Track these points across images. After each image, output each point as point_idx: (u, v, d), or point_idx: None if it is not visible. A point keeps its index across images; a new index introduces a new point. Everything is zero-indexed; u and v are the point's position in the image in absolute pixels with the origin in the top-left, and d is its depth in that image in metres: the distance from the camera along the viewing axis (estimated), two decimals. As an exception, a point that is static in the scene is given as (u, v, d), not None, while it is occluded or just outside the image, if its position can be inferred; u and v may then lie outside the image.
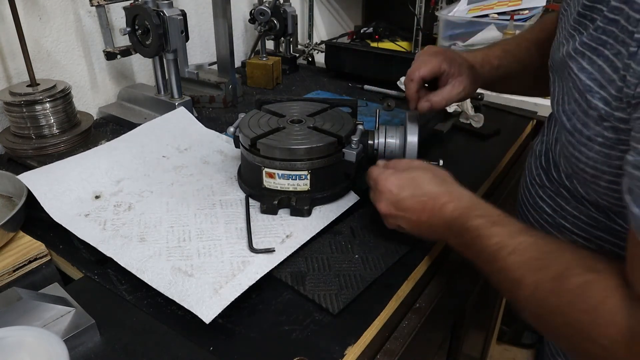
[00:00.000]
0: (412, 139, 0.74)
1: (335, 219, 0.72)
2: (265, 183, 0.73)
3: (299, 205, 0.71)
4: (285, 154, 0.71)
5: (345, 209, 0.74)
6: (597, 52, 0.44)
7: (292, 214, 0.72)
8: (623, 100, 0.41)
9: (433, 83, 0.75)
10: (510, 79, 0.77)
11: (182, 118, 0.98)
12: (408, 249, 0.67)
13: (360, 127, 0.75)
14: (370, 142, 0.76)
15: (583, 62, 0.46)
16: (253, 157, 0.73)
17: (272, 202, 0.72)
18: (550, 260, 0.45)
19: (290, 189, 0.73)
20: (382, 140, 0.76)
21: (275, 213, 0.72)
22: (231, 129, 0.78)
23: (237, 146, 0.80)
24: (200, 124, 0.98)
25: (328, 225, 0.71)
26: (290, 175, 0.72)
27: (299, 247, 0.66)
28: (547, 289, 0.43)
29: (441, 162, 0.73)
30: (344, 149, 0.72)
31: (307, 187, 0.73)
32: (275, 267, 0.62)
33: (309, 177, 0.72)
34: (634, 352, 0.37)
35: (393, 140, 0.76)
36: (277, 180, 0.72)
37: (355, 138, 0.72)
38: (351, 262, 0.65)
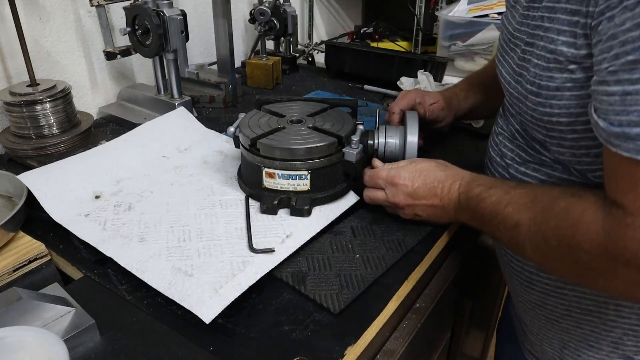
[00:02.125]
0: (412, 138, 0.74)
1: (336, 219, 0.72)
2: (265, 183, 0.73)
3: (299, 205, 0.71)
4: (285, 154, 0.71)
5: (345, 209, 0.74)
6: (554, 9, 0.50)
7: (292, 214, 0.72)
8: (587, 34, 0.45)
9: None
10: (481, 106, 0.90)
11: (182, 118, 0.98)
12: (409, 249, 0.67)
13: (360, 127, 0.75)
14: (370, 142, 0.76)
15: (539, 24, 0.52)
16: (253, 157, 0.73)
17: (272, 202, 0.72)
18: (539, 198, 0.53)
19: (290, 189, 0.73)
20: (382, 140, 0.76)
21: (275, 213, 0.72)
22: (231, 129, 0.78)
23: (237, 146, 0.80)
24: (200, 124, 0.98)
25: (328, 225, 0.71)
26: (290, 175, 0.72)
27: (300, 247, 0.66)
28: (539, 220, 0.51)
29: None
30: (344, 149, 0.72)
31: (307, 187, 0.73)
32: (276, 267, 0.62)
33: (309, 177, 0.72)
34: (611, 250, 0.44)
35: (393, 140, 0.76)
36: (277, 180, 0.72)
37: (355, 138, 0.72)
38: (352, 261, 0.65)
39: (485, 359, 1.48)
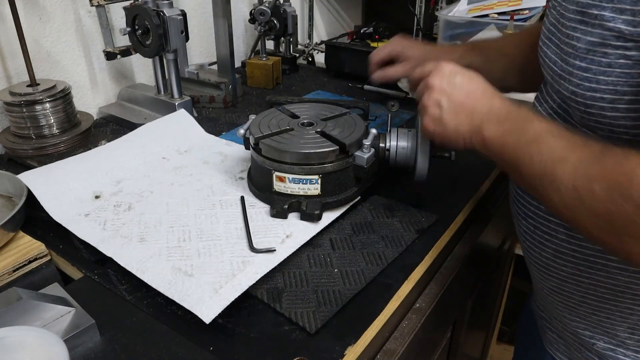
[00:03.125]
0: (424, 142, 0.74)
1: (316, 231, 0.70)
2: (275, 187, 0.73)
3: (310, 209, 0.70)
4: (293, 158, 0.70)
5: (345, 209, 0.74)
6: None
7: (302, 218, 0.71)
8: None
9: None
10: (477, 70, 0.79)
11: (182, 120, 0.98)
12: (389, 262, 0.65)
13: (373, 131, 0.74)
14: (382, 145, 0.76)
15: (596, 3, 0.49)
16: (263, 160, 0.73)
17: (283, 206, 0.71)
18: (591, 142, 0.49)
19: (301, 193, 0.72)
20: (393, 143, 0.75)
21: (285, 217, 0.71)
22: (241, 131, 0.78)
23: (247, 148, 0.79)
24: (200, 127, 0.98)
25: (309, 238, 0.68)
26: (300, 179, 0.71)
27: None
28: (590, 159, 0.47)
29: (453, 153, 0.76)
30: (355, 153, 0.72)
31: (317, 192, 0.72)
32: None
33: (319, 181, 0.71)
34: None
35: (404, 144, 0.75)
36: (288, 184, 0.72)
37: (367, 142, 0.71)
38: (330, 276, 0.62)
39: (485, 359, 1.48)
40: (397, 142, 0.75)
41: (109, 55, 1.02)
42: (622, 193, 0.44)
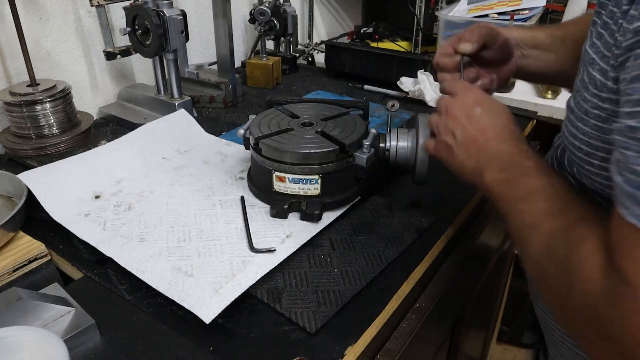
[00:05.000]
0: (424, 142, 0.73)
1: (316, 231, 0.70)
2: (275, 187, 0.73)
3: (310, 209, 0.70)
4: (293, 158, 0.70)
5: (345, 209, 0.74)
6: (606, 25, 0.45)
7: (302, 218, 0.71)
8: (615, 66, 0.42)
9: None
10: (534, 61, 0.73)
11: (182, 120, 0.98)
12: (389, 262, 0.65)
13: (373, 131, 0.74)
14: (381, 145, 0.76)
15: (593, 38, 0.47)
16: (263, 160, 0.73)
17: (283, 206, 0.71)
18: (573, 206, 0.47)
19: (301, 193, 0.72)
20: (393, 143, 0.75)
21: (285, 217, 0.71)
22: (241, 131, 0.78)
23: (247, 148, 0.79)
24: (200, 127, 0.98)
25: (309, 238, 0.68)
26: (300, 179, 0.71)
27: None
28: (558, 234, 0.45)
29: None
30: (355, 153, 0.72)
31: (317, 192, 0.72)
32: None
33: (319, 181, 0.71)
34: (608, 306, 0.39)
35: (405, 144, 0.75)
36: (288, 184, 0.72)
37: (367, 142, 0.71)
38: (330, 276, 0.62)
39: (485, 359, 1.48)
40: (397, 142, 0.75)
41: (109, 55, 1.02)
42: (569, 284, 0.42)
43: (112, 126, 1.06)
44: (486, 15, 1.36)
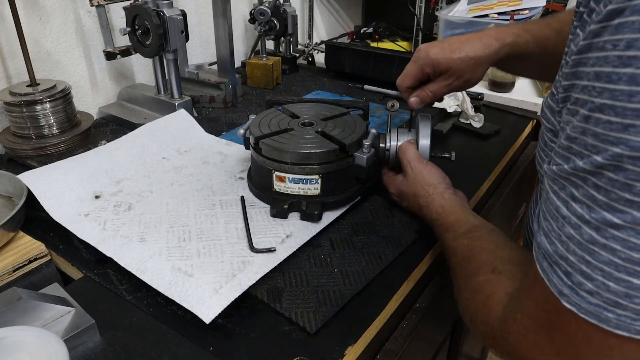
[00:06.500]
0: (424, 141, 0.73)
1: (316, 231, 0.70)
2: (275, 187, 0.73)
3: (310, 209, 0.70)
4: (293, 158, 0.70)
5: (345, 209, 0.74)
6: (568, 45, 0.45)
7: (303, 218, 0.71)
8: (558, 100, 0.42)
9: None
10: (527, 58, 0.73)
11: (182, 120, 0.98)
12: (390, 262, 0.65)
13: (373, 131, 0.74)
14: (382, 145, 0.76)
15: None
16: (263, 160, 0.73)
17: (283, 206, 0.71)
18: (470, 261, 0.56)
19: (301, 193, 0.72)
20: (393, 143, 0.75)
21: (285, 217, 0.71)
22: (241, 131, 0.78)
23: (247, 148, 0.79)
24: (200, 127, 0.98)
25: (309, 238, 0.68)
26: (300, 179, 0.71)
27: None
28: (462, 285, 0.56)
29: (453, 154, 0.77)
30: (355, 153, 0.72)
31: (317, 192, 0.72)
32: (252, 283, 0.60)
33: (319, 181, 0.71)
34: (502, 334, 0.47)
35: None
36: (288, 184, 0.72)
37: (367, 142, 0.71)
38: (330, 276, 0.62)
39: (485, 358, 1.48)
40: (397, 142, 0.75)
41: (109, 55, 1.02)
42: (479, 320, 0.51)
43: (112, 126, 1.06)
44: (486, 15, 1.36)
